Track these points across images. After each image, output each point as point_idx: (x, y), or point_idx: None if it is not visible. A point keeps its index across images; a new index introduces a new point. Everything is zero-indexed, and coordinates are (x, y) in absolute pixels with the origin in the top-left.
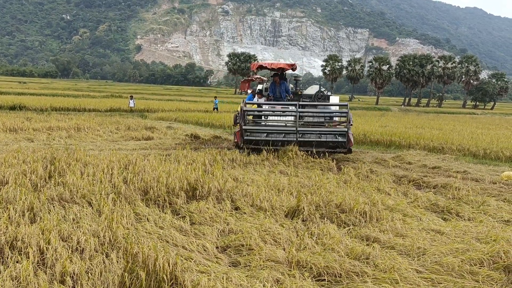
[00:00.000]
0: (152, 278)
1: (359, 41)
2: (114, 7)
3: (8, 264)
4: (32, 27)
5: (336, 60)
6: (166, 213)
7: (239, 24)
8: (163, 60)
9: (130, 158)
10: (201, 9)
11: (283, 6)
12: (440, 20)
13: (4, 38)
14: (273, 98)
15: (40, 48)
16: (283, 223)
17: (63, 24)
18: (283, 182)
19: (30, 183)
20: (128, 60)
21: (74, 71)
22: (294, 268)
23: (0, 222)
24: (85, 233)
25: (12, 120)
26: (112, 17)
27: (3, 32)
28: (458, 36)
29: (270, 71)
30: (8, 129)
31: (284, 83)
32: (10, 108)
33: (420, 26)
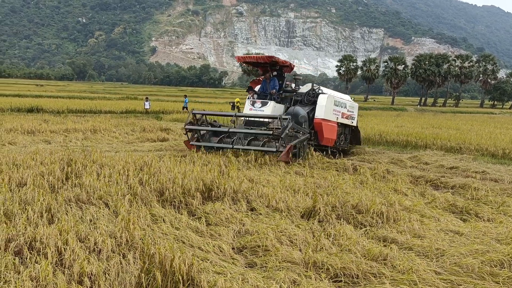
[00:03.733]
0: (168, 279)
1: (374, 41)
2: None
3: (27, 264)
4: (49, 30)
5: (351, 60)
6: (182, 214)
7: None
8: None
9: (146, 160)
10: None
11: (297, 6)
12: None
13: (22, 42)
14: (262, 94)
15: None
16: (299, 224)
17: (79, 27)
18: (298, 182)
19: (48, 184)
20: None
21: (90, 74)
22: (311, 269)
23: (19, 223)
24: (102, 234)
25: (30, 122)
26: (127, 19)
27: (20, 36)
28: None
29: (253, 67)
30: (26, 131)
31: (274, 79)
32: (28, 110)
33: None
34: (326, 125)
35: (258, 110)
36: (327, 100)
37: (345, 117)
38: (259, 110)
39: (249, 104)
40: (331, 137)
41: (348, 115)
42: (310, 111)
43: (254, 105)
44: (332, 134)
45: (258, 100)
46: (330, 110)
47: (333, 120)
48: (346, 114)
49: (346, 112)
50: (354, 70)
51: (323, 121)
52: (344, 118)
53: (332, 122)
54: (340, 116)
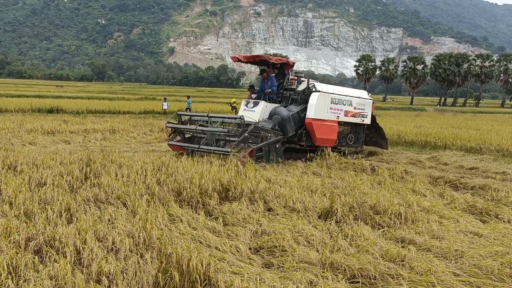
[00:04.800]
0: (185, 279)
1: (393, 40)
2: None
3: (47, 263)
4: (69, 32)
5: (369, 60)
6: (199, 214)
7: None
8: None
9: (163, 160)
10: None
11: (315, 6)
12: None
13: (43, 43)
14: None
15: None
16: (316, 224)
17: (98, 28)
18: (316, 183)
19: (67, 184)
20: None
21: (109, 74)
22: (328, 269)
23: (39, 222)
24: (120, 233)
25: (50, 122)
26: (146, 20)
27: (41, 37)
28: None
29: (248, 64)
30: (46, 131)
31: (272, 78)
32: (48, 111)
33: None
34: (318, 125)
35: (249, 110)
36: (318, 98)
37: (351, 115)
38: (251, 110)
39: (243, 105)
40: (327, 137)
41: (356, 113)
42: (302, 111)
43: (247, 105)
44: (328, 134)
45: (251, 100)
46: (323, 109)
47: (331, 119)
48: (352, 112)
49: (353, 110)
50: (373, 70)
51: (314, 121)
52: (350, 116)
53: (328, 121)
54: (343, 115)
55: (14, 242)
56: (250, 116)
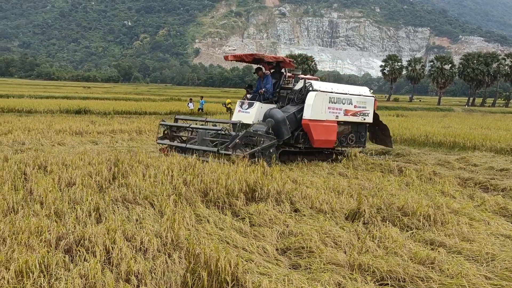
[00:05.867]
0: (213, 279)
1: (420, 40)
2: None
3: (77, 262)
4: (96, 33)
5: (396, 60)
6: (226, 214)
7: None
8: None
9: (190, 160)
10: (258, 11)
11: (341, 6)
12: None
13: (70, 45)
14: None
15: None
16: (344, 225)
17: (125, 30)
18: (342, 184)
19: (96, 184)
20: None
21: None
22: (356, 271)
23: (69, 222)
24: (148, 233)
25: (78, 123)
26: (171, 22)
27: (69, 39)
28: None
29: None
30: (74, 132)
31: (267, 77)
32: (76, 112)
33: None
34: (316, 126)
35: (244, 112)
36: (315, 98)
37: (352, 114)
38: (245, 112)
39: (238, 106)
40: (325, 138)
41: (357, 111)
42: (298, 111)
43: (242, 107)
44: (326, 135)
45: (246, 101)
46: (321, 109)
47: (330, 119)
48: (352, 110)
49: (353, 109)
50: (399, 70)
51: (311, 122)
52: (350, 115)
53: (326, 122)
54: (342, 114)
55: (45, 241)
56: (244, 118)
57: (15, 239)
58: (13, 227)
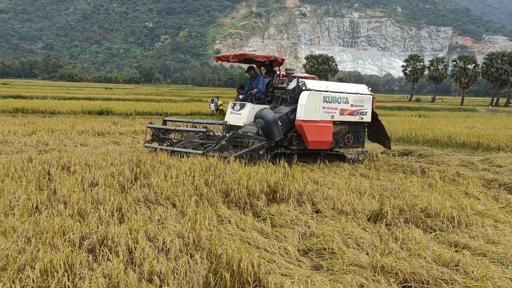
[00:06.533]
0: (236, 280)
1: (442, 39)
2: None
3: (100, 261)
4: (118, 35)
5: (418, 60)
6: (247, 215)
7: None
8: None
9: (211, 161)
10: (278, 12)
11: (362, 6)
12: None
13: (93, 47)
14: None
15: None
16: (366, 227)
17: (146, 32)
18: (364, 185)
19: (118, 184)
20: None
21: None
22: (379, 273)
23: (92, 222)
24: (170, 233)
25: (100, 124)
26: (192, 23)
27: (91, 41)
28: None
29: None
30: (96, 133)
31: (258, 77)
32: (98, 113)
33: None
34: (309, 127)
35: (236, 113)
36: (308, 97)
37: (348, 113)
38: (237, 113)
39: (230, 107)
40: (320, 139)
41: (354, 110)
42: (291, 112)
43: (234, 108)
44: (321, 136)
45: (237, 103)
46: (315, 109)
47: (325, 119)
48: (349, 110)
49: (349, 108)
50: (421, 70)
51: (305, 123)
52: (347, 114)
53: (321, 122)
54: (338, 113)
55: (69, 240)
56: (236, 120)
57: (39, 238)
58: (37, 226)
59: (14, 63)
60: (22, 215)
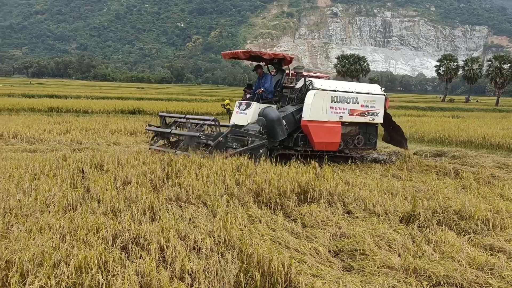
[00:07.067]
0: (266, 279)
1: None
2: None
3: (132, 259)
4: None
5: (451, 59)
6: (278, 215)
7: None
8: None
9: (242, 161)
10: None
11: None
12: None
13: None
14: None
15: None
16: (398, 228)
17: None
18: (396, 186)
19: (150, 183)
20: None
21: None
22: (411, 275)
23: (124, 220)
24: (201, 232)
25: (132, 123)
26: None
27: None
28: None
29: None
30: (129, 132)
31: (266, 76)
32: (130, 112)
33: None
34: (316, 127)
35: (241, 113)
36: (314, 97)
37: (358, 114)
38: (242, 113)
39: (236, 107)
40: (327, 140)
41: (364, 111)
42: (297, 112)
43: (240, 107)
44: (328, 137)
45: (243, 102)
46: (322, 109)
47: (332, 120)
48: (359, 110)
49: (359, 108)
50: (455, 70)
51: (311, 123)
52: (357, 115)
53: (328, 123)
54: (347, 114)
55: (102, 238)
56: (241, 120)
57: (74, 235)
58: (72, 224)
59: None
60: (57, 212)
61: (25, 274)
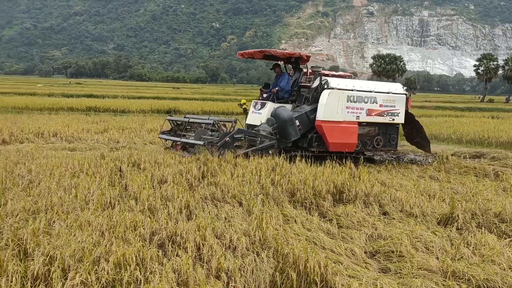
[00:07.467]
0: (302, 279)
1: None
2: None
3: (169, 257)
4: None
5: (491, 59)
6: (313, 215)
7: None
8: None
9: (277, 160)
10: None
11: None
12: None
13: (161, 47)
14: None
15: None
16: (435, 230)
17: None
18: (434, 187)
19: (186, 182)
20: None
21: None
22: (450, 278)
23: (161, 218)
24: (237, 231)
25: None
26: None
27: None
28: None
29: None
30: None
31: (283, 75)
32: (166, 112)
33: None
34: (330, 128)
35: (257, 112)
36: (328, 96)
37: (377, 114)
38: (257, 113)
39: (252, 106)
40: (343, 141)
41: (383, 111)
42: (312, 111)
43: (255, 107)
44: (344, 138)
45: (259, 102)
46: (336, 109)
47: (348, 120)
48: (377, 110)
49: (378, 108)
50: (495, 69)
51: (325, 123)
52: (375, 115)
53: (344, 123)
54: (365, 114)
55: (140, 235)
56: (256, 120)
57: (112, 232)
58: (110, 221)
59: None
60: (96, 209)
61: (67, 269)
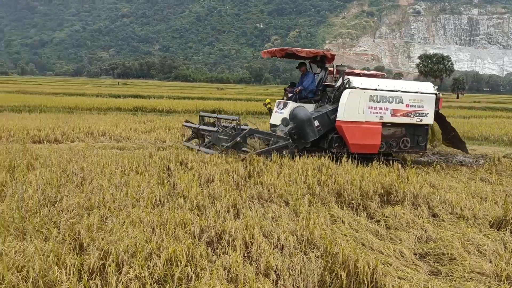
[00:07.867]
0: (352, 279)
1: None
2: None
3: (218, 254)
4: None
5: None
6: (361, 216)
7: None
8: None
9: (323, 160)
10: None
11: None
12: None
13: (205, 48)
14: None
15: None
16: (488, 233)
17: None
18: (485, 190)
19: (233, 181)
20: None
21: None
22: (504, 282)
23: (209, 216)
24: (284, 231)
25: None
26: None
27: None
28: None
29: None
30: None
31: (308, 74)
32: (211, 112)
33: None
34: (351, 128)
35: (279, 112)
36: (349, 96)
37: (402, 114)
38: (280, 112)
39: (275, 106)
40: (365, 142)
41: (410, 111)
42: (332, 112)
43: (278, 107)
44: (366, 139)
45: (282, 101)
46: (357, 109)
47: (371, 120)
48: (403, 110)
49: (404, 108)
50: None
51: (345, 124)
52: (400, 116)
53: (366, 123)
54: (389, 114)
55: (189, 233)
56: (279, 119)
57: (163, 229)
58: (161, 218)
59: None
60: (147, 206)
61: (120, 264)
